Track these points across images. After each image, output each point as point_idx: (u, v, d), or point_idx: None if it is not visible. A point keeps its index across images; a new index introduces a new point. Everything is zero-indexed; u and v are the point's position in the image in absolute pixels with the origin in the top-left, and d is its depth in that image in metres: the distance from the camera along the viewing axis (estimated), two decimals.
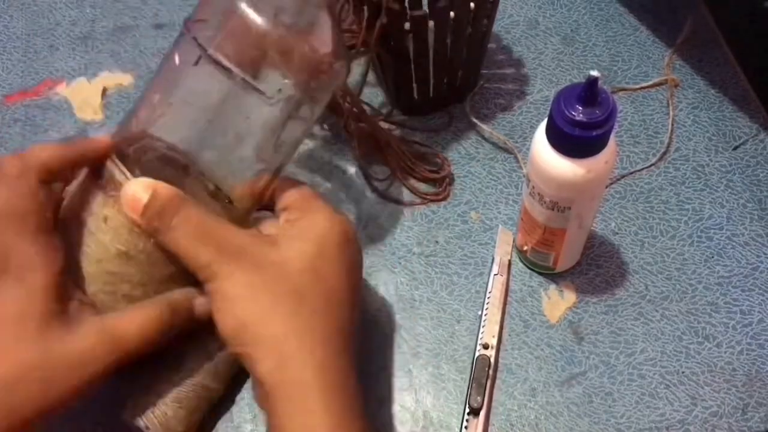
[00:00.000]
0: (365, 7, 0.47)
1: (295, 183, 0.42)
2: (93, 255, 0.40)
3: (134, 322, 0.39)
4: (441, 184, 0.54)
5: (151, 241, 0.39)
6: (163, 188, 0.38)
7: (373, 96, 0.59)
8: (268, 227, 0.41)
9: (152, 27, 0.64)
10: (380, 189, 0.55)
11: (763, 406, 0.46)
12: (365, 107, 0.55)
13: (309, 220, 0.40)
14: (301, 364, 0.36)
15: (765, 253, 0.51)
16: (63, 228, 0.40)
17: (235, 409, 0.47)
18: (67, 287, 0.39)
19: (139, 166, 0.40)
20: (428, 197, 0.54)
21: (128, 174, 0.39)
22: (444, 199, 0.54)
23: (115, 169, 0.40)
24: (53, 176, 0.39)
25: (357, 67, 0.55)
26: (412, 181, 0.55)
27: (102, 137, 0.41)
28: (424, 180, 0.55)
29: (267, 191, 0.42)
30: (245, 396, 0.47)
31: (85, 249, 0.40)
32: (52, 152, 0.39)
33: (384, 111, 0.57)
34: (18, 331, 0.37)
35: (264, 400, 0.38)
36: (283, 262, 0.38)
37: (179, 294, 0.41)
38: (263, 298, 0.37)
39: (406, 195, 0.55)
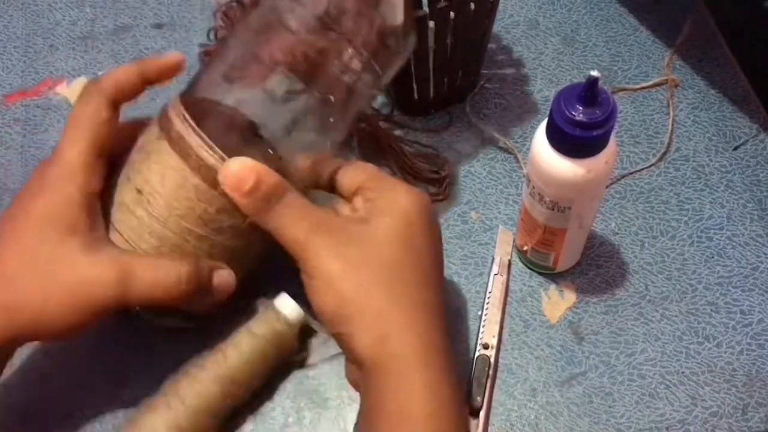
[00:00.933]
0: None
1: (357, 164, 0.43)
2: (138, 194, 0.41)
3: (151, 266, 0.40)
4: (441, 184, 0.54)
5: (212, 209, 0.40)
6: (267, 174, 0.39)
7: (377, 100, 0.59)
8: (341, 210, 0.42)
9: (152, 27, 0.64)
10: None
11: (763, 407, 0.46)
12: (370, 114, 0.55)
13: (389, 197, 0.40)
14: (403, 338, 0.36)
15: (765, 254, 0.51)
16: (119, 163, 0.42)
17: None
18: (99, 213, 0.40)
19: (205, 127, 0.40)
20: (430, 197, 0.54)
21: (206, 141, 0.40)
22: (444, 199, 0.54)
23: (188, 131, 0.40)
24: (125, 94, 0.42)
25: None
26: (413, 182, 0.55)
27: (174, 56, 0.43)
28: (425, 180, 0.55)
29: (324, 168, 0.43)
30: (245, 396, 0.47)
31: (130, 183, 0.41)
32: (126, 71, 0.42)
33: (384, 111, 0.57)
34: (44, 230, 0.39)
35: (361, 379, 0.38)
36: (376, 238, 0.38)
37: (204, 261, 0.41)
38: (363, 273, 0.37)
39: None
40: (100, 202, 0.41)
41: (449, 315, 0.49)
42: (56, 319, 0.39)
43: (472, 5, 0.48)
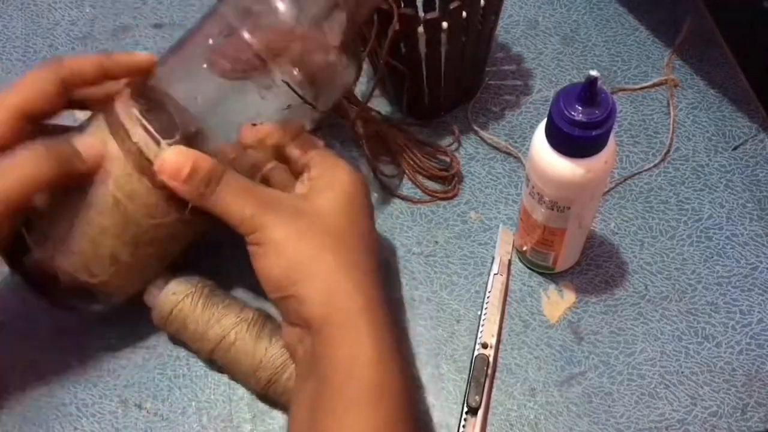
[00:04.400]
0: (375, 16, 0.47)
1: (305, 140, 0.45)
2: None
3: (13, 162, 0.39)
4: (450, 182, 0.54)
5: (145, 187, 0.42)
6: (203, 159, 0.41)
7: (383, 104, 0.59)
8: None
9: (152, 27, 0.64)
10: (390, 186, 0.55)
11: (762, 406, 0.46)
12: (376, 115, 0.55)
13: (332, 174, 0.43)
14: (352, 296, 0.40)
15: (764, 253, 0.51)
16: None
17: (233, 409, 0.47)
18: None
19: (149, 119, 0.42)
20: (437, 195, 0.54)
21: (154, 133, 0.41)
22: (454, 196, 0.54)
23: (132, 122, 0.41)
24: (79, 81, 0.43)
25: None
26: (421, 179, 0.55)
27: (143, 55, 0.44)
28: (434, 178, 0.55)
29: (274, 140, 0.44)
30: (244, 396, 0.47)
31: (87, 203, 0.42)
32: (88, 60, 0.43)
33: (395, 118, 0.57)
34: None
35: (300, 341, 0.41)
36: (320, 210, 0.42)
37: (65, 145, 0.41)
38: (311, 239, 0.41)
39: (413, 193, 0.55)
40: None
41: (448, 317, 0.50)
42: None
43: (482, 2, 0.48)
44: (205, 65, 0.43)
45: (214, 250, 0.50)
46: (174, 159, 0.41)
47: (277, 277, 0.40)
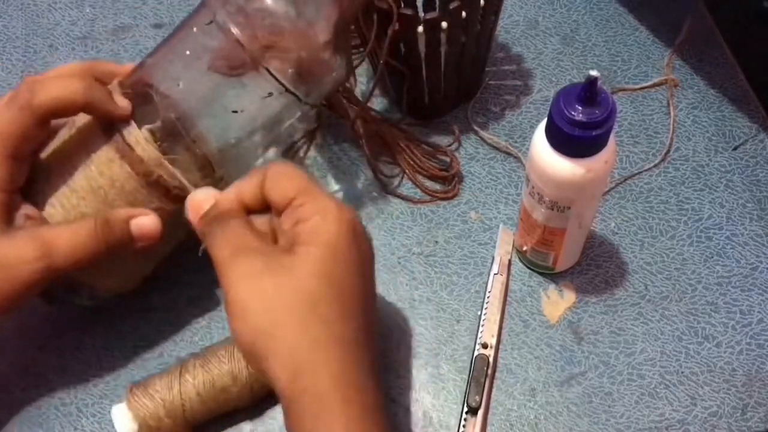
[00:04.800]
0: (375, 16, 0.47)
1: (285, 173, 0.40)
2: (79, 191, 0.43)
3: (66, 230, 0.41)
4: (450, 182, 0.54)
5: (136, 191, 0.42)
6: (225, 201, 0.40)
7: (383, 104, 0.59)
8: (260, 224, 0.40)
9: (152, 27, 0.64)
10: (389, 187, 0.55)
11: (762, 406, 0.46)
12: (376, 115, 0.55)
13: (316, 221, 0.38)
14: (316, 375, 0.35)
15: (764, 253, 0.51)
16: (55, 157, 0.43)
17: None
18: (17, 202, 0.41)
19: (139, 121, 0.42)
20: (437, 195, 0.54)
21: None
22: (453, 197, 0.54)
23: (142, 145, 0.42)
24: (61, 113, 0.41)
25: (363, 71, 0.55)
26: (421, 179, 0.55)
27: (130, 67, 0.45)
28: (434, 178, 0.55)
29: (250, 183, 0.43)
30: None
31: (71, 183, 0.43)
32: (69, 86, 0.41)
33: (395, 118, 0.57)
34: None
35: (284, 416, 0.37)
36: (296, 269, 0.37)
37: (117, 212, 0.42)
38: (274, 306, 0.36)
39: (413, 193, 0.55)
40: (25, 188, 0.42)
41: (448, 317, 0.50)
42: None
43: (482, 1, 0.48)
44: (188, 52, 0.43)
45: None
46: (201, 197, 0.41)
47: (245, 346, 0.36)
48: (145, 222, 0.42)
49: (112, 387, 0.48)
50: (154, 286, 0.51)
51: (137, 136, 0.42)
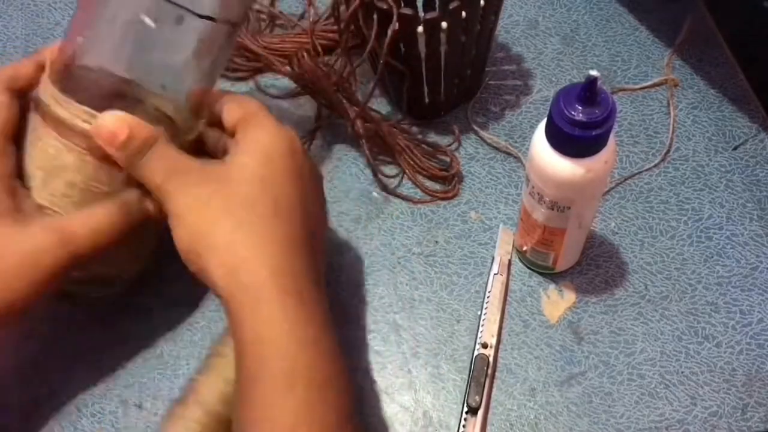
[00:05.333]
0: (375, 16, 0.47)
1: (237, 99, 0.43)
2: (35, 163, 0.42)
3: (85, 219, 0.41)
4: (450, 181, 0.54)
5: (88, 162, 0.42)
6: (139, 126, 0.40)
7: (383, 104, 0.59)
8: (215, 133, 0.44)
9: None
10: (390, 186, 0.55)
11: (762, 406, 0.46)
12: (376, 115, 0.55)
13: (253, 134, 0.41)
14: (253, 269, 0.37)
15: (764, 253, 0.51)
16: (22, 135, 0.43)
17: None
18: (20, 190, 0.41)
19: (75, 95, 0.41)
20: (437, 195, 0.54)
21: (73, 105, 0.41)
22: (453, 197, 0.54)
23: (53, 102, 0.41)
24: (24, 85, 0.43)
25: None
26: (421, 179, 0.55)
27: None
28: (434, 178, 0.55)
29: (203, 105, 0.44)
30: None
31: (27, 157, 0.42)
32: (23, 63, 0.43)
33: (395, 118, 0.57)
34: None
35: (226, 317, 0.38)
36: (230, 175, 0.39)
37: (130, 193, 0.42)
38: (212, 208, 0.38)
39: (413, 193, 0.55)
40: (19, 180, 0.42)
41: (448, 317, 0.50)
42: (12, 297, 0.39)
43: (482, 2, 0.48)
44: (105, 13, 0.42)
45: None
46: (110, 124, 0.40)
47: (183, 251, 0.38)
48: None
49: (111, 387, 0.48)
50: (154, 286, 0.51)
51: (51, 92, 0.41)
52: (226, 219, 0.38)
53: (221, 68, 0.46)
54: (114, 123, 0.40)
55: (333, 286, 0.51)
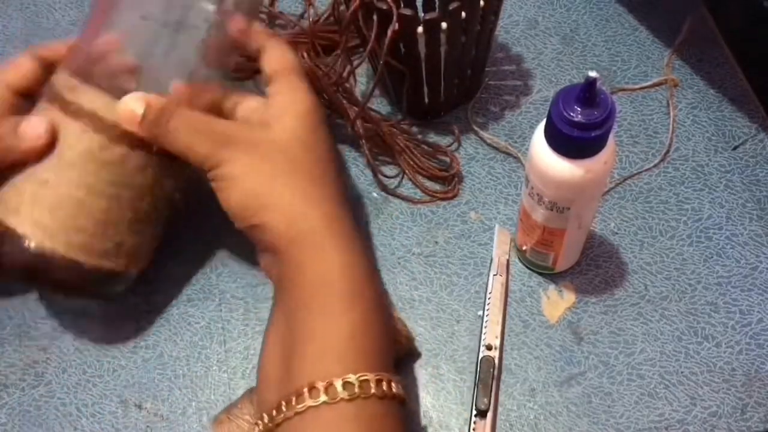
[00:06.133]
0: (375, 16, 0.47)
1: (282, 48, 0.47)
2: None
3: None
4: (450, 182, 0.54)
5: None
6: (155, 99, 0.43)
7: (383, 104, 0.59)
8: (251, 100, 0.46)
9: None
10: (389, 187, 0.55)
11: (762, 406, 0.46)
12: (376, 115, 0.55)
13: (291, 96, 0.45)
14: (309, 218, 0.41)
15: (764, 253, 0.51)
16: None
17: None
18: None
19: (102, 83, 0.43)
20: (437, 195, 0.54)
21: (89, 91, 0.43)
22: (453, 197, 0.54)
23: (69, 87, 0.43)
24: (30, 87, 0.46)
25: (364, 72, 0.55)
26: (421, 179, 0.55)
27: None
28: (434, 178, 0.55)
29: (252, 42, 0.47)
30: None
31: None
32: (27, 64, 0.47)
33: (395, 118, 0.57)
34: None
35: (274, 264, 0.42)
36: (275, 138, 0.43)
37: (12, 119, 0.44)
38: (264, 171, 0.42)
39: (413, 193, 0.55)
40: None
41: (448, 317, 0.50)
42: None
43: (482, 2, 0.48)
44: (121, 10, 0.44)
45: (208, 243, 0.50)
46: (127, 104, 0.43)
47: (238, 209, 0.42)
48: (32, 121, 0.43)
49: (111, 387, 0.48)
50: (154, 286, 0.51)
51: (66, 80, 0.43)
52: (278, 179, 0.42)
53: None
54: (130, 102, 0.43)
55: None
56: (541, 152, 0.40)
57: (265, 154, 0.43)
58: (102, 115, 0.43)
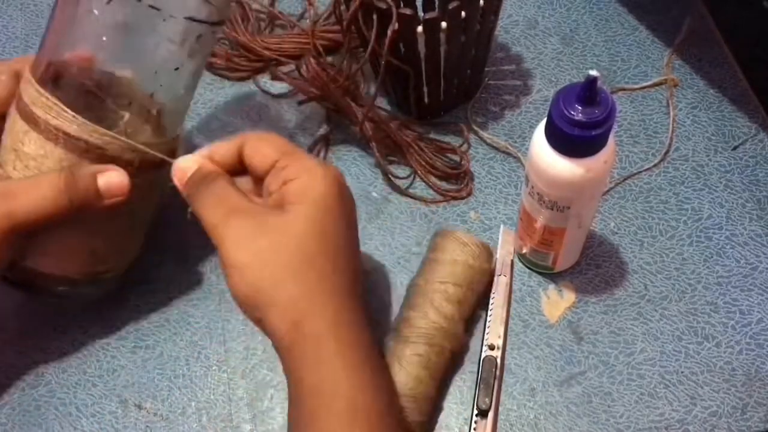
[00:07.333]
0: (375, 16, 0.47)
1: (265, 138, 0.42)
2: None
3: (29, 183, 0.41)
4: (462, 180, 0.54)
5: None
6: (208, 165, 0.42)
7: (382, 104, 0.59)
8: (242, 185, 0.43)
9: None
10: (401, 187, 0.55)
11: (762, 406, 0.46)
12: (383, 114, 0.55)
13: (304, 180, 0.40)
14: (314, 322, 0.38)
15: (764, 253, 0.51)
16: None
17: (233, 409, 0.47)
18: None
19: (57, 94, 0.41)
20: (449, 194, 0.54)
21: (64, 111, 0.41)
22: (467, 195, 0.54)
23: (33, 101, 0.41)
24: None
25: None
26: (434, 179, 0.55)
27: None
28: (446, 177, 0.55)
29: (228, 149, 0.43)
30: (244, 396, 0.47)
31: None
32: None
33: (401, 118, 0.57)
34: None
35: (283, 360, 0.39)
36: (289, 226, 0.39)
37: (83, 167, 0.42)
38: (272, 263, 0.38)
39: (425, 194, 0.55)
40: None
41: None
42: None
43: (482, 2, 0.48)
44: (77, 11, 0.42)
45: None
46: (184, 164, 0.42)
47: (242, 301, 0.39)
48: (113, 176, 0.42)
49: (111, 387, 0.48)
50: (154, 286, 0.51)
51: (42, 98, 0.41)
52: (290, 274, 0.38)
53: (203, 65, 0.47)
54: (188, 163, 0.42)
55: None
56: (541, 151, 0.40)
57: (273, 244, 0.39)
58: (67, 130, 0.41)
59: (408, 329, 0.45)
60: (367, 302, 0.42)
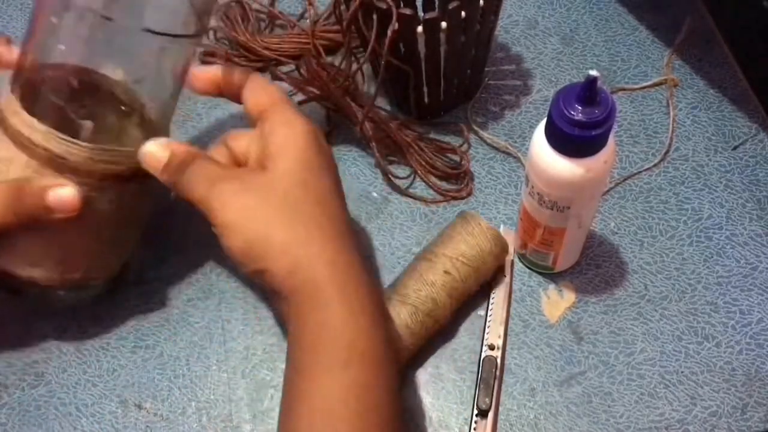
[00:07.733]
0: (374, 16, 0.47)
1: (261, 84, 0.45)
2: None
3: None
4: (463, 180, 0.54)
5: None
6: (178, 146, 0.43)
7: (382, 104, 0.59)
8: (240, 138, 0.45)
9: None
10: (401, 187, 0.55)
11: (762, 406, 0.46)
12: (383, 114, 0.55)
13: (285, 134, 0.42)
14: (311, 268, 0.39)
15: (764, 253, 0.51)
16: None
17: (233, 409, 0.47)
18: None
19: (37, 102, 0.41)
20: (450, 194, 0.54)
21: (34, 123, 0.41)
22: (468, 195, 0.54)
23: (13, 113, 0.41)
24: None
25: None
26: (434, 180, 0.55)
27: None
28: (446, 176, 0.55)
29: (230, 79, 0.45)
30: (244, 396, 0.47)
31: None
32: None
33: (401, 118, 0.57)
34: None
35: (283, 309, 0.41)
36: (272, 182, 0.41)
37: (33, 181, 0.41)
38: (260, 217, 0.40)
39: (420, 194, 0.55)
40: None
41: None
42: None
43: (482, 2, 0.48)
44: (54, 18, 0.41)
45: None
46: (151, 149, 0.42)
47: (239, 256, 0.41)
48: (64, 192, 0.42)
49: (111, 387, 0.48)
50: (154, 286, 0.51)
51: (12, 104, 0.41)
52: (278, 224, 0.40)
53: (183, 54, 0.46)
54: (156, 148, 0.42)
55: None
56: (541, 151, 0.40)
57: (260, 199, 0.41)
58: (30, 137, 0.41)
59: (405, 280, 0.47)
60: (357, 240, 0.44)
